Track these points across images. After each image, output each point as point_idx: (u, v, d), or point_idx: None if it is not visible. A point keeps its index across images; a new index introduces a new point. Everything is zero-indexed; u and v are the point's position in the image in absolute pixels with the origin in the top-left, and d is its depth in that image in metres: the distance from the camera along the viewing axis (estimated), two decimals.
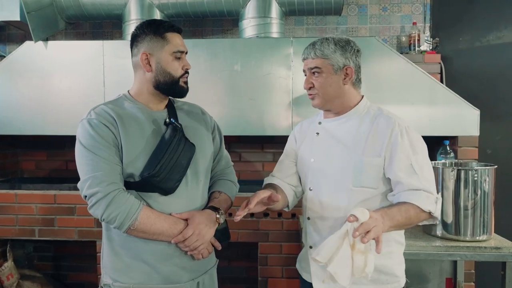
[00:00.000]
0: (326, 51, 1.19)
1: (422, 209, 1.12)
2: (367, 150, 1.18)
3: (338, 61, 1.19)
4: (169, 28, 1.18)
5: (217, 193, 1.27)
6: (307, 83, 1.24)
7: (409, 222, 1.12)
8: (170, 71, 1.17)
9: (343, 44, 1.21)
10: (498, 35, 2.43)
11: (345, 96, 1.23)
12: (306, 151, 1.30)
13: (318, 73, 1.21)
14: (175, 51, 1.17)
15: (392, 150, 1.15)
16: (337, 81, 1.21)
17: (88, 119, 1.14)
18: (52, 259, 2.72)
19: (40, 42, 2.26)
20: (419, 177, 1.13)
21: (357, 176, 1.17)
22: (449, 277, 2.13)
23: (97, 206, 1.08)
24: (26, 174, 2.74)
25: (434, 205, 1.13)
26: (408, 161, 1.14)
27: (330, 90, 1.21)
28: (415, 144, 1.16)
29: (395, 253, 1.22)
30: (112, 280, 1.16)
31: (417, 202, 1.12)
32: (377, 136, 1.18)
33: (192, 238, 1.13)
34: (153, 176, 1.10)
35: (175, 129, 1.15)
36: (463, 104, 2.10)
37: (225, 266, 2.65)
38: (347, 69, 1.21)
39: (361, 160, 1.17)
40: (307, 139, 1.31)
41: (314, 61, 1.21)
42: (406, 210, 1.11)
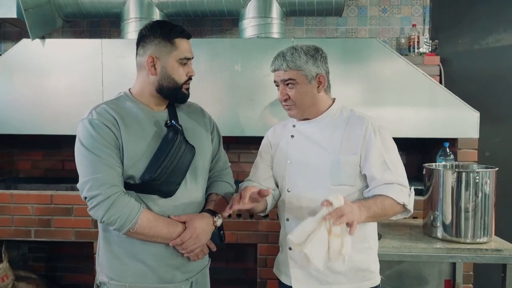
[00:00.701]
0: (299, 62, 1.21)
1: (397, 201, 1.16)
2: (343, 149, 1.22)
3: (311, 71, 1.22)
4: (179, 34, 1.17)
5: (215, 195, 1.28)
6: (282, 95, 1.25)
7: (384, 213, 1.16)
8: (175, 77, 1.17)
9: (313, 53, 1.23)
10: (497, 38, 2.44)
11: (319, 103, 1.27)
12: (282, 153, 1.32)
13: (292, 84, 1.22)
14: (182, 57, 1.17)
15: (366, 148, 1.20)
16: (311, 90, 1.24)
17: (90, 119, 1.13)
18: (47, 260, 2.69)
19: (37, 40, 2.23)
20: (393, 172, 1.19)
21: (335, 175, 1.21)
22: (448, 278, 2.14)
23: (98, 209, 1.08)
24: (22, 174, 2.70)
25: (407, 197, 1.18)
26: (381, 157, 1.19)
27: (306, 100, 1.24)
28: (387, 142, 1.22)
29: (371, 249, 1.27)
30: (108, 279, 1.17)
31: (391, 195, 1.16)
32: (352, 136, 1.22)
33: (189, 242, 1.14)
34: (154, 180, 1.10)
35: (176, 132, 1.15)
36: (463, 106, 2.11)
37: (222, 267, 2.63)
38: (320, 77, 1.24)
39: (338, 159, 1.21)
40: (282, 142, 1.33)
41: (287, 73, 1.22)
42: (381, 201, 1.15)
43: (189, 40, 1.21)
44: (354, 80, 2.16)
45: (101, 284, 1.19)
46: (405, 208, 1.19)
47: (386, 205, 1.16)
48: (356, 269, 1.22)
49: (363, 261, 1.23)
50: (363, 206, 1.12)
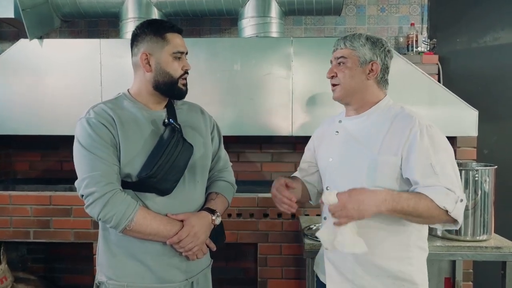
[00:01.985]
0: (356, 43, 1.18)
1: (437, 204, 1.04)
2: (383, 148, 1.13)
3: (365, 54, 1.17)
4: (170, 29, 1.17)
5: (214, 194, 1.27)
6: (330, 72, 1.22)
7: (417, 212, 1.04)
8: (170, 71, 1.16)
9: (374, 40, 1.20)
10: (495, 36, 2.45)
11: (367, 92, 1.20)
12: (325, 150, 1.29)
13: (343, 63, 1.19)
14: (175, 51, 1.17)
15: (409, 149, 1.10)
16: (360, 74, 1.18)
17: (87, 118, 1.13)
18: (46, 261, 2.67)
19: (35, 40, 2.22)
20: (439, 177, 1.07)
21: (371, 176, 1.14)
22: (447, 276, 2.15)
23: (94, 206, 1.08)
24: (20, 175, 2.68)
25: (453, 204, 1.05)
26: (428, 160, 1.08)
27: (352, 83, 1.19)
28: (436, 143, 1.10)
29: (415, 259, 1.17)
30: (106, 278, 1.17)
31: (431, 196, 1.04)
32: (395, 135, 1.13)
33: (187, 240, 1.13)
34: (150, 177, 1.10)
35: (173, 130, 1.15)
36: (461, 105, 2.12)
37: (223, 266, 2.63)
38: (373, 64, 1.18)
39: (376, 159, 1.13)
40: (327, 139, 1.30)
41: (341, 51, 1.19)
42: (418, 199, 1.04)
43: (181, 35, 1.20)
44: None
45: (100, 283, 1.19)
46: (450, 216, 1.05)
47: (422, 205, 1.04)
48: (394, 277, 1.14)
49: (402, 271, 1.14)
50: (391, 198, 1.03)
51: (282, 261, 2.15)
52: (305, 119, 2.18)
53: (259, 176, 2.60)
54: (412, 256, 1.17)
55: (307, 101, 2.17)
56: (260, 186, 2.27)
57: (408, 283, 1.16)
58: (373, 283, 1.16)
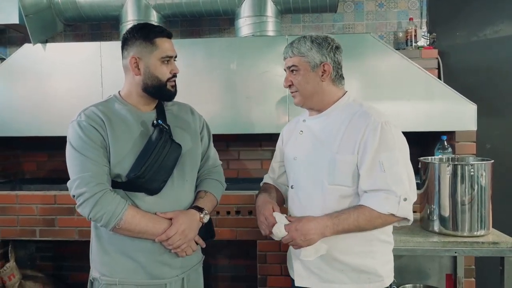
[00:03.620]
0: (303, 49, 1.20)
1: (378, 212, 1.11)
2: (342, 147, 1.17)
3: (315, 58, 1.20)
4: (159, 33, 1.20)
5: (203, 192, 1.29)
6: (286, 81, 1.26)
7: (358, 228, 1.13)
8: (158, 75, 1.19)
9: (320, 41, 1.22)
10: (495, 29, 2.41)
11: (325, 93, 1.24)
12: (290, 149, 1.32)
13: (296, 71, 1.22)
14: (163, 56, 1.19)
15: (364, 147, 1.14)
16: (314, 78, 1.22)
17: (78, 121, 1.17)
18: (54, 259, 2.75)
19: (39, 45, 2.29)
20: (386, 175, 1.11)
21: (331, 174, 1.17)
22: (449, 273, 2.12)
23: (84, 205, 1.12)
24: (28, 175, 2.76)
25: (395, 205, 1.10)
26: (377, 158, 1.12)
27: (308, 87, 1.22)
28: (389, 141, 1.13)
29: (378, 253, 1.21)
30: (100, 274, 1.20)
31: (372, 205, 1.11)
32: (352, 133, 1.17)
33: (175, 237, 1.16)
34: (139, 177, 1.13)
35: (161, 131, 1.17)
36: (460, 99, 2.09)
37: (225, 264, 2.65)
38: (324, 65, 1.21)
39: (335, 157, 1.17)
40: (293, 138, 1.33)
41: (291, 59, 1.23)
42: (357, 216, 1.12)
43: (171, 39, 1.23)
44: (350, 75, 2.13)
45: (94, 279, 1.22)
46: (398, 216, 1.12)
47: (362, 219, 1.11)
48: (358, 271, 1.18)
49: (365, 264, 1.18)
50: (331, 223, 1.12)
51: (281, 258, 2.16)
52: None
53: (259, 173, 2.61)
54: (375, 250, 1.20)
55: None
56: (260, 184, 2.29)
57: (372, 276, 1.19)
58: (339, 277, 1.19)
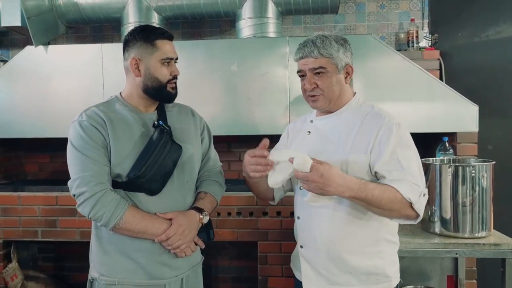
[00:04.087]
0: (330, 50, 1.15)
1: (402, 195, 1.07)
2: (354, 147, 1.16)
3: (341, 59, 1.17)
4: (160, 35, 1.21)
5: (203, 193, 1.30)
6: (310, 83, 1.17)
7: (381, 202, 1.06)
8: (158, 76, 1.20)
9: (342, 42, 1.19)
10: (497, 30, 2.40)
11: (345, 95, 1.22)
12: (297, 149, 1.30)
13: (322, 73, 1.16)
14: (164, 58, 1.20)
15: (379, 147, 1.13)
16: (340, 81, 1.19)
17: (79, 121, 1.18)
18: (56, 260, 2.76)
19: (41, 47, 2.30)
20: (405, 172, 1.10)
21: None
22: (450, 274, 2.11)
23: (85, 205, 1.13)
24: (30, 176, 2.78)
25: (417, 196, 1.08)
26: (395, 155, 1.11)
27: (335, 90, 1.18)
28: (404, 140, 1.14)
29: (386, 253, 1.20)
30: (99, 274, 1.21)
31: (398, 187, 1.07)
32: (365, 133, 1.16)
33: (174, 238, 1.16)
34: (139, 177, 1.14)
35: (162, 132, 1.18)
36: (461, 100, 2.09)
37: (226, 265, 2.65)
38: (348, 67, 1.20)
39: (347, 158, 1.15)
40: (299, 138, 1.32)
41: (317, 60, 1.16)
42: (384, 190, 1.06)
43: (172, 41, 1.24)
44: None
45: (93, 279, 1.23)
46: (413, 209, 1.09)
47: (386, 196, 1.06)
48: (367, 273, 1.17)
49: (375, 265, 1.17)
50: (357, 186, 1.05)
51: (282, 259, 2.16)
52: None
53: None
54: (382, 250, 1.19)
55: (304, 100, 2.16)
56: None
57: (381, 277, 1.18)
58: (348, 279, 1.18)
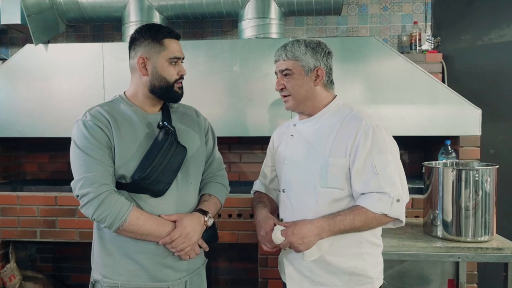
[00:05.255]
0: (297, 53, 1.21)
1: (372, 212, 1.12)
2: (334, 150, 1.18)
3: (309, 62, 1.21)
4: (168, 34, 1.19)
5: (207, 195, 1.29)
6: (278, 84, 1.25)
7: (354, 228, 1.13)
8: (165, 76, 1.18)
9: (313, 45, 1.22)
10: (500, 34, 2.40)
11: (316, 98, 1.25)
12: (281, 153, 1.33)
13: (289, 75, 1.22)
14: (172, 57, 1.19)
15: (356, 150, 1.15)
16: (308, 83, 1.22)
17: (83, 121, 1.17)
18: (54, 260, 2.74)
19: (41, 45, 2.28)
20: (379, 178, 1.12)
21: (323, 177, 1.18)
22: (451, 278, 2.11)
23: (88, 206, 1.11)
24: (29, 176, 2.76)
25: (388, 206, 1.11)
26: (370, 160, 1.14)
27: (301, 92, 1.22)
28: (380, 143, 1.15)
29: (368, 255, 1.22)
30: (101, 276, 1.20)
31: (365, 205, 1.12)
32: (344, 136, 1.18)
33: (179, 240, 1.15)
34: (144, 179, 1.12)
35: (167, 133, 1.17)
36: (464, 104, 2.08)
37: (226, 267, 2.64)
38: (318, 70, 1.22)
39: (327, 161, 1.18)
40: (283, 142, 1.34)
41: (285, 63, 1.23)
42: (353, 216, 1.13)
43: (179, 40, 1.23)
44: (354, 79, 2.15)
45: (95, 282, 1.22)
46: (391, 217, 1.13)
47: (358, 219, 1.12)
48: (350, 273, 1.19)
49: (356, 266, 1.19)
50: (327, 225, 1.13)
51: None
52: None
53: None
54: (365, 252, 1.21)
55: None
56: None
57: (363, 278, 1.20)
58: (331, 279, 1.20)
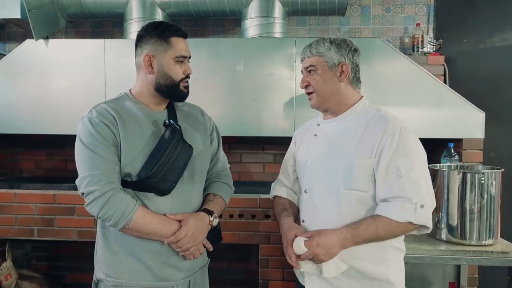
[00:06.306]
0: (321, 49, 1.21)
1: (396, 220, 1.09)
2: (359, 151, 1.16)
3: (333, 58, 1.21)
4: (175, 33, 1.18)
5: (212, 195, 1.28)
6: (303, 82, 1.25)
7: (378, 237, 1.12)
8: (171, 74, 1.17)
9: (338, 42, 1.23)
10: (503, 37, 2.41)
11: (342, 94, 1.23)
12: (303, 153, 1.31)
13: (313, 71, 1.22)
14: (178, 56, 1.18)
15: (381, 151, 1.13)
16: (332, 78, 1.21)
17: (89, 117, 1.15)
18: (50, 259, 2.70)
19: (41, 41, 2.24)
20: (403, 181, 1.09)
21: (347, 179, 1.16)
22: (452, 281, 2.11)
23: (94, 204, 1.10)
24: (25, 174, 2.71)
25: (412, 213, 1.08)
26: (394, 162, 1.11)
27: (326, 87, 1.21)
28: (407, 146, 1.12)
29: (391, 260, 1.20)
30: (105, 275, 1.18)
31: (388, 215, 1.10)
32: (370, 137, 1.16)
33: (184, 240, 1.14)
34: (150, 177, 1.11)
35: (173, 131, 1.16)
36: (468, 106, 2.08)
37: (224, 268, 2.62)
38: (343, 66, 1.21)
39: (352, 162, 1.16)
40: (305, 142, 1.32)
41: (309, 59, 1.23)
42: (375, 226, 1.10)
43: (186, 39, 1.21)
44: None
45: (99, 281, 1.20)
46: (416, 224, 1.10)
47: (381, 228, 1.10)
48: (371, 279, 1.17)
49: (379, 271, 1.17)
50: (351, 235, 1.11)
51: (284, 263, 2.13)
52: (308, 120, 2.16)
53: (261, 177, 2.59)
54: (389, 258, 1.19)
55: None
56: (262, 187, 2.26)
57: (385, 284, 1.18)
58: (351, 284, 1.18)
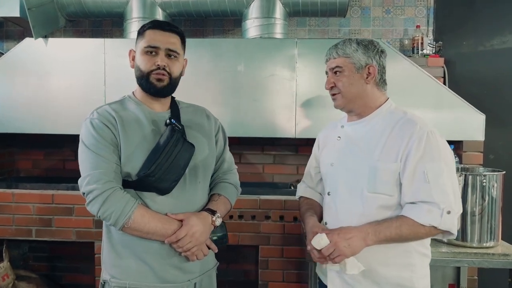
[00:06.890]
0: (348, 50, 1.18)
1: (420, 223, 1.07)
2: (384, 154, 1.13)
3: (360, 59, 1.18)
4: (151, 26, 1.19)
5: (216, 195, 1.27)
6: (328, 83, 1.23)
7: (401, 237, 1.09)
8: (139, 65, 1.18)
9: (365, 43, 1.20)
10: (502, 40, 2.42)
11: (368, 97, 1.21)
12: (327, 155, 1.29)
13: (339, 72, 1.20)
14: (146, 46, 1.17)
15: (407, 155, 1.10)
16: (358, 80, 1.19)
17: (91, 119, 1.17)
18: (48, 260, 2.67)
19: (40, 39, 2.22)
20: (431, 186, 1.07)
21: (371, 182, 1.13)
22: (452, 283, 2.11)
23: (93, 203, 1.10)
24: (23, 173, 2.69)
25: (438, 218, 1.06)
26: (421, 167, 1.08)
27: (352, 89, 1.19)
28: (434, 150, 1.10)
29: (417, 266, 1.16)
30: (110, 276, 1.18)
31: (413, 216, 1.07)
32: (396, 141, 1.13)
33: (185, 240, 1.13)
34: (149, 176, 1.11)
35: (173, 130, 1.15)
36: (468, 109, 2.09)
37: (223, 268, 2.60)
38: (370, 67, 1.19)
39: (376, 165, 1.13)
40: (330, 144, 1.30)
41: (335, 60, 1.20)
42: (400, 224, 1.08)
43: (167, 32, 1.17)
44: None
45: (104, 282, 1.20)
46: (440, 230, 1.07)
47: (405, 228, 1.07)
48: (395, 285, 1.14)
49: (404, 277, 1.13)
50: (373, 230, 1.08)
51: (284, 264, 2.12)
52: (309, 121, 2.16)
53: (260, 178, 2.58)
54: (414, 263, 1.16)
55: (311, 103, 2.16)
56: (262, 188, 2.25)
57: None
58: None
